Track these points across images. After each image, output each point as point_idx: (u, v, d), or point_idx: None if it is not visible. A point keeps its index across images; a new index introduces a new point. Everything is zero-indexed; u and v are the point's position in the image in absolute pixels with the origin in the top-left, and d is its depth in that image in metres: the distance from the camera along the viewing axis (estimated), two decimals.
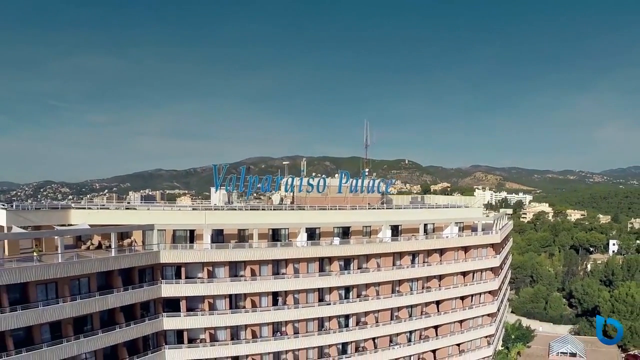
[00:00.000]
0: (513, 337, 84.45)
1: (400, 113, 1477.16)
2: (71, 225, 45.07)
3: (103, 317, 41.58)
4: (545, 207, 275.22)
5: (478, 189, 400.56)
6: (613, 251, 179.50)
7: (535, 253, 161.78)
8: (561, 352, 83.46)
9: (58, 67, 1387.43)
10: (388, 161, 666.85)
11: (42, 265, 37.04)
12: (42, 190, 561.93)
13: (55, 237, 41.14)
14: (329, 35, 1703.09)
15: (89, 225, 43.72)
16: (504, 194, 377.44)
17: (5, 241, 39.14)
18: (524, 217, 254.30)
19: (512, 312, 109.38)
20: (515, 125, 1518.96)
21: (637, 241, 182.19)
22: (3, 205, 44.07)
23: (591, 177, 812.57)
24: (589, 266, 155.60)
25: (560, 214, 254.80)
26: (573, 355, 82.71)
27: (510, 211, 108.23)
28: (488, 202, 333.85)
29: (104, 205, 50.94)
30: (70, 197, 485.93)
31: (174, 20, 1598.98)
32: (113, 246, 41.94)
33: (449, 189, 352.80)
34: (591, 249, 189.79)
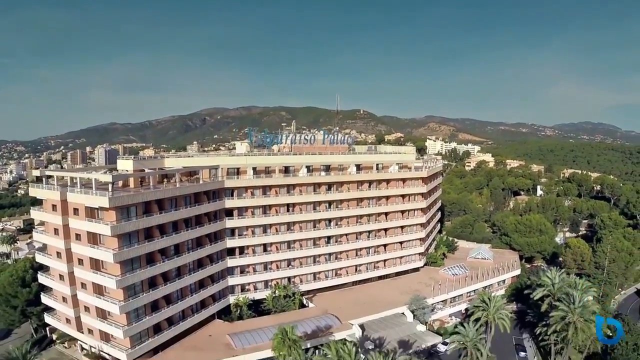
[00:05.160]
0: (441, 245, 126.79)
1: (356, 63, 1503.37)
2: (165, 167, 79.10)
3: (196, 219, 76.44)
4: (488, 157, 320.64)
5: (430, 139, 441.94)
6: (540, 194, 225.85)
7: (470, 193, 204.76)
8: (474, 257, 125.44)
9: (2, 22, 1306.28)
10: (344, 111, 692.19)
11: (171, 188, 71.25)
12: None
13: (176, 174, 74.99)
14: None
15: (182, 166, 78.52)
16: (454, 144, 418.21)
17: (151, 176, 72.33)
18: (468, 165, 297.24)
19: (446, 234, 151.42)
20: (470, 77, 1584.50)
21: (559, 187, 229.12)
22: (129, 157, 78.12)
23: (543, 130, 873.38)
24: (511, 204, 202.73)
25: (500, 163, 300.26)
26: (484, 258, 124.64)
27: (440, 157, 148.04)
28: (438, 151, 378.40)
29: (180, 155, 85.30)
30: (26, 155, 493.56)
31: None
32: (201, 177, 76.94)
33: (402, 139, 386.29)
34: (521, 192, 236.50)
